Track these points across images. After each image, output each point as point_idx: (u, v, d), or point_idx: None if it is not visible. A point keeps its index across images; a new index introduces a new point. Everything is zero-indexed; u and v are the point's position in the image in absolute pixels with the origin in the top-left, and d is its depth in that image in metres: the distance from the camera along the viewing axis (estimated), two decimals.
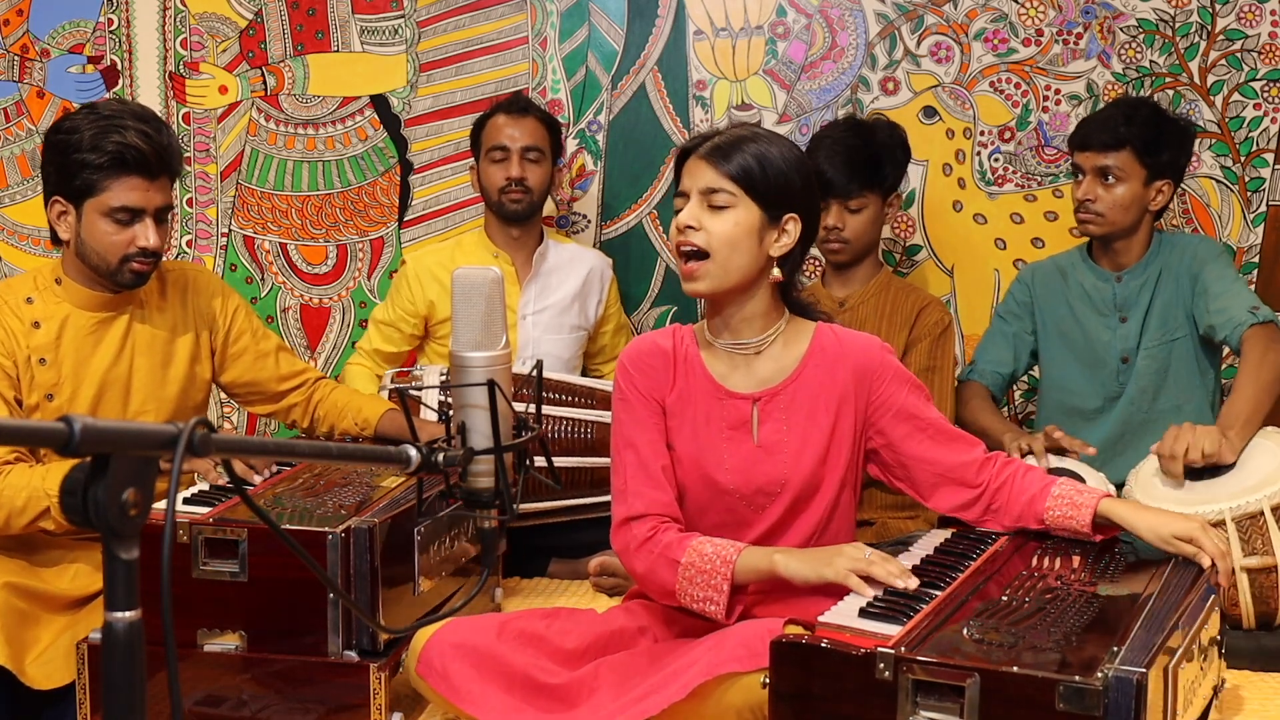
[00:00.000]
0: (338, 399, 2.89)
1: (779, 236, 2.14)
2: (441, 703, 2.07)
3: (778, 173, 2.12)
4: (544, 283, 3.39)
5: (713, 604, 2.07)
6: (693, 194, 2.13)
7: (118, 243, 2.51)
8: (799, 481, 2.18)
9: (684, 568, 2.08)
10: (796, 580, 2.04)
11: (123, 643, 1.12)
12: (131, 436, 1.12)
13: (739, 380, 2.20)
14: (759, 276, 2.15)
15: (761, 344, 2.19)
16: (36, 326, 2.55)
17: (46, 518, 2.41)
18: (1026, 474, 2.21)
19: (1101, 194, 2.92)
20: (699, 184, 2.13)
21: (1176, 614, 1.82)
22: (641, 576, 2.16)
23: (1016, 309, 3.15)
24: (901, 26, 3.46)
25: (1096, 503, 2.12)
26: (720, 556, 2.07)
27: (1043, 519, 2.15)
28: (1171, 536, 2.06)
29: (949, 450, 2.21)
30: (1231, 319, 2.81)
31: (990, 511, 2.20)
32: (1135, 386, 3.00)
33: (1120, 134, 2.90)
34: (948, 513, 2.24)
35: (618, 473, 2.19)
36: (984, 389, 3.11)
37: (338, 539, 2.22)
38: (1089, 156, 2.93)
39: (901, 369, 2.24)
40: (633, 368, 2.21)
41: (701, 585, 2.07)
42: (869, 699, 1.70)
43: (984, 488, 2.20)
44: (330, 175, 3.74)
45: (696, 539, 2.11)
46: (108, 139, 2.46)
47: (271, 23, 3.71)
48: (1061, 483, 2.18)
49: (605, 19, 3.59)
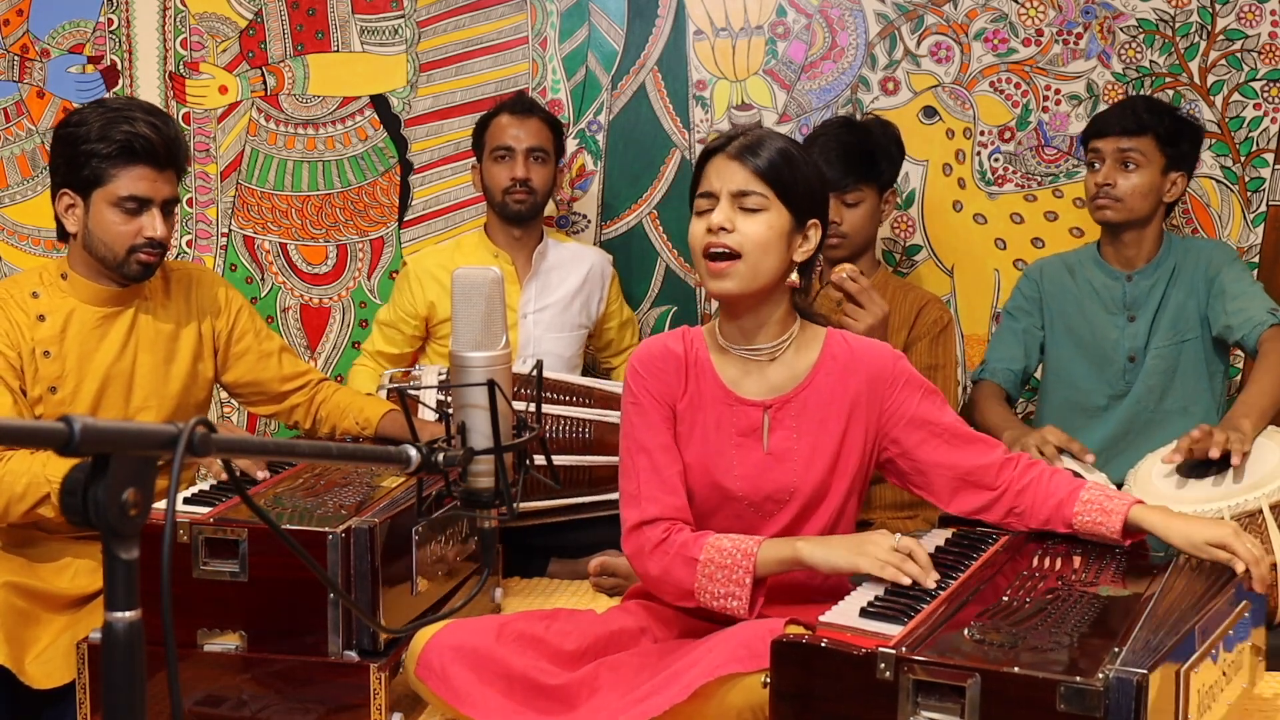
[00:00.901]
0: (340, 400, 2.89)
1: (802, 242, 2.13)
2: (441, 705, 2.06)
3: (804, 177, 2.11)
4: (544, 281, 3.39)
5: (735, 599, 2.04)
6: (723, 195, 2.09)
7: (125, 233, 2.53)
8: (808, 489, 2.17)
9: (703, 565, 2.06)
10: (824, 569, 2.03)
11: (123, 643, 1.12)
12: (131, 436, 1.12)
13: (750, 386, 2.19)
14: (780, 281, 2.13)
15: (775, 350, 2.18)
16: (41, 320, 2.57)
17: (46, 504, 2.41)
18: (1053, 477, 2.16)
19: (1121, 179, 2.93)
20: (730, 185, 2.09)
21: (1195, 617, 1.80)
22: (656, 579, 2.13)
23: (1025, 304, 3.15)
24: (901, 26, 3.46)
25: (1128, 510, 2.08)
26: (741, 550, 2.05)
27: (1071, 523, 2.11)
28: (1204, 543, 2.02)
29: (966, 453, 2.17)
30: (1250, 319, 2.83)
31: (1014, 514, 2.16)
32: (1142, 386, 3.00)
33: (1144, 120, 2.93)
34: (969, 516, 2.19)
35: (629, 476, 2.17)
36: (997, 388, 3.10)
37: (338, 539, 2.22)
38: (1109, 141, 2.94)
39: (914, 375, 2.21)
40: (644, 371, 2.19)
41: (722, 581, 2.05)
42: (870, 699, 1.70)
43: (1005, 490, 2.16)
44: (330, 175, 3.74)
45: (713, 536, 2.09)
46: (117, 129, 2.49)
47: (271, 23, 3.71)
48: (1090, 487, 2.14)
49: (605, 19, 3.59)
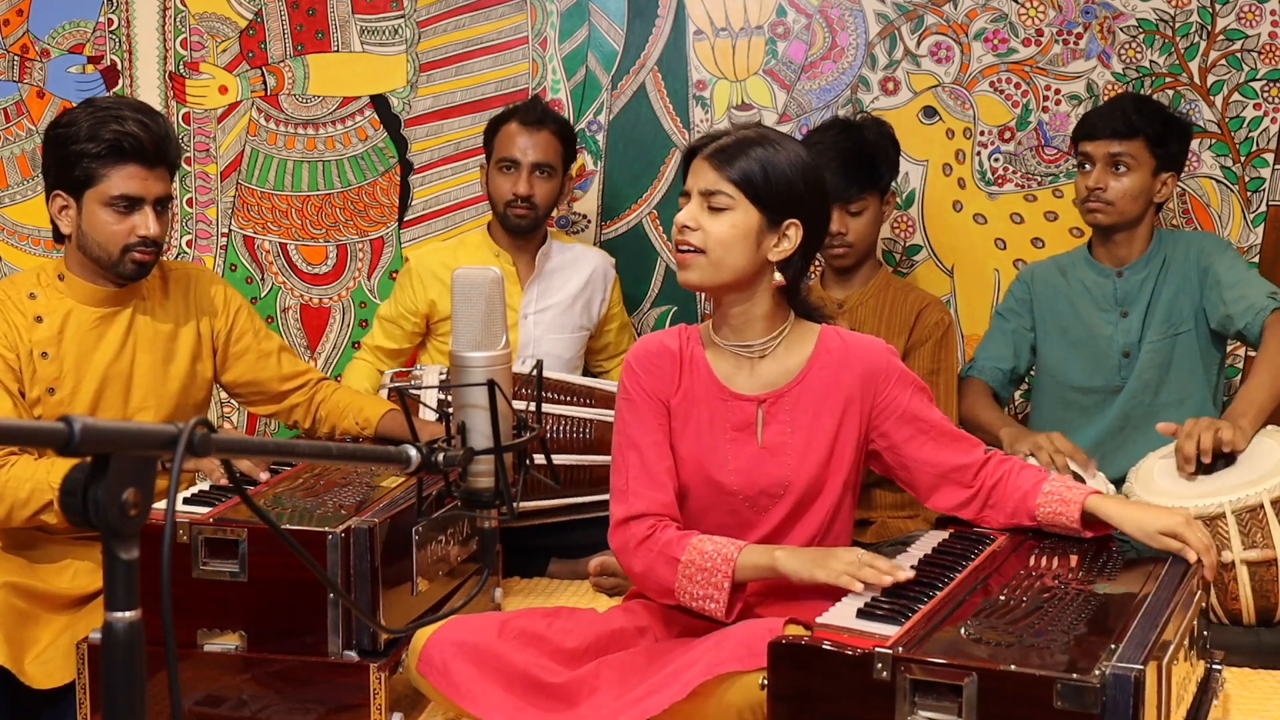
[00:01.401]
0: (339, 399, 2.89)
1: (779, 241, 2.13)
2: (442, 701, 2.07)
3: (781, 178, 2.11)
4: (546, 283, 3.39)
5: (713, 602, 2.07)
6: (694, 194, 2.14)
7: (118, 232, 2.53)
8: (802, 483, 2.18)
9: (684, 565, 2.08)
10: (793, 578, 2.05)
11: (123, 643, 1.13)
12: (131, 436, 1.12)
13: (744, 382, 2.20)
14: (755, 279, 2.15)
15: (765, 347, 2.20)
16: (39, 321, 2.57)
17: (49, 510, 2.42)
18: (1021, 471, 2.22)
19: (1112, 183, 2.93)
20: (700, 184, 2.13)
21: (1168, 610, 1.83)
22: (640, 575, 2.16)
23: (1015, 306, 3.16)
24: (901, 26, 3.46)
25: (1084, 499, 2.13)
26: (721, 554, 2.07)
27: (1034, 515, 2.17)
28: (1156, 532, 2.08)
29: (950, 452, 2.22)
30: (1252, 305, 2.82)
31: (987, 508, 2.22)
32: (1137, 380, 3.00)
33: (1133, 122, 2.92)
34: (946, 511, 2.25)
35: (619, 472, 2.19)
36: (983, 385, 3.11)
37: (338, 539, 2.23)
38: (1100, 145, 2.94)
39: (906, 371, 2.24)
40: (639, 368, 2.20)
41: (701, 583, 2.07)
42: (867, 699, 1.71)
43: (980, 487, 2.22)
44: (330, 175, 3.74)
45: (696, 537, 2.11)
46: (105, 128, 2.48)
47: (271, 23, 3.71)
48: (1053, 479, 2.20)
49: (605, 19, 3.59)
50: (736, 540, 2.11)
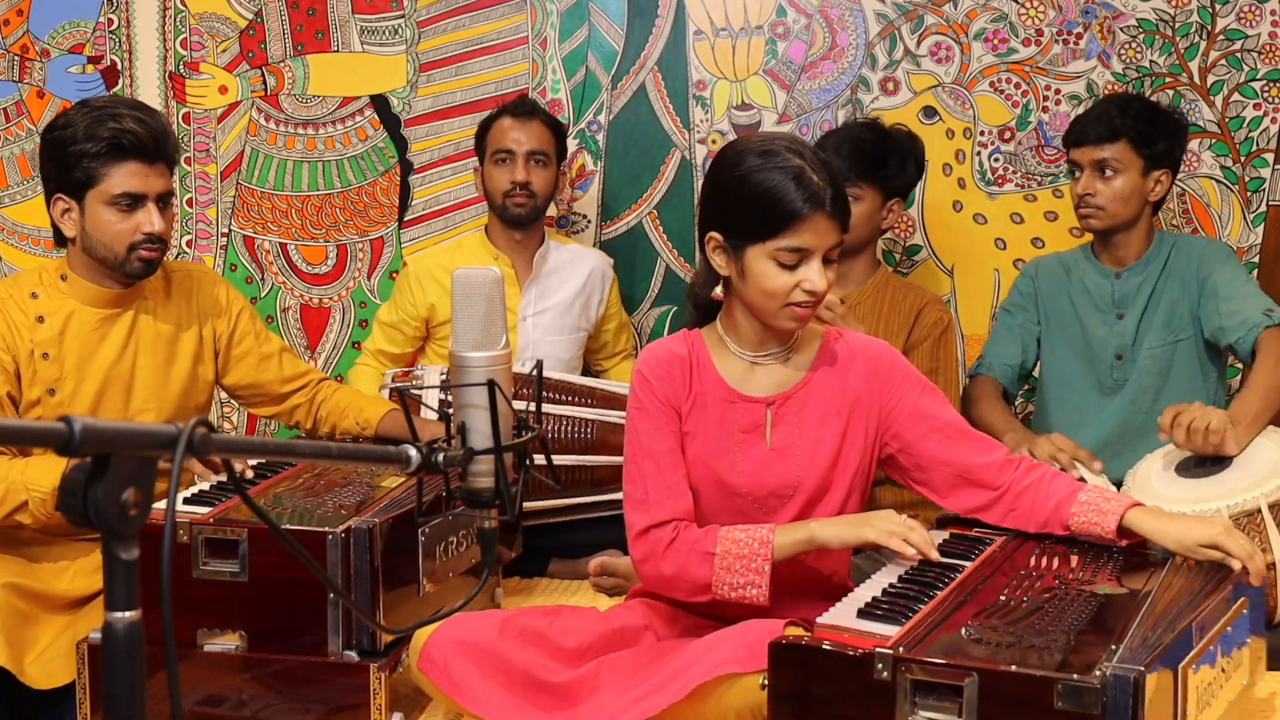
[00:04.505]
0: (340, 399, 2.89)
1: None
2: (442, 699, 2.07)
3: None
4: (545, 284, 3.39)
5: (754, 588, 2.07)
6: (818, 253, 2.07)
7: (123, 231, 2.52)
8: (811, 484, 2.18)
9: (720, 557, 2.08)
10: (834, 544, 2.08)
11: (123, 643, 1.13)
12: (131, 436, 1.12)
13: (752, 384, 2.20)
14: None
15: (781, 353, 2.20)
16: (41, 321, 2.56)
17: (24, 511, 2.41)
18: (1053, 479, 2.17)
19: (1100, 187, 2.93)
20: (827, 244, 2.08)
21: (1193, 615, 1.81)
22: (671, 578, 2.14)
23: (1021, 301, 3.15)
24: (901, 26, 3.46)
25: (1124, 511, 2.09)
26: (756, 539, 2.08)
27: (1068, 525, 2.13)
28: (1197, 545, 2.03)
29: (967, 450, 2.19)
30: (1245, 320, 2.79)
31: (1012, 515, 2.18)
32: (1136, 385, 3.00)
33: (1115, 125, 2.91)
34: (967, 514, 2.21)
35: (635, 482, 2.18)
36: (994, 384, 3.09)
37: (338, 539, 2.22)
38: (1085, 151, 2.94)
39: (911, 370, 2.24)
40: (652, 376, 2.19)
41: (740, 571, 2.07)
42: (867, 700, 1.71)
43: (1004, 490, 2.17)
44: (330, 175, 3.74)
45: (724, 529, 2.12)
46: (103, 127, 2.48)
47: (271, 23, 3.71)
48: (1089, 489, 2.15)
49: (605, 19, 3.59)
50: (765, 524, 2.12)
